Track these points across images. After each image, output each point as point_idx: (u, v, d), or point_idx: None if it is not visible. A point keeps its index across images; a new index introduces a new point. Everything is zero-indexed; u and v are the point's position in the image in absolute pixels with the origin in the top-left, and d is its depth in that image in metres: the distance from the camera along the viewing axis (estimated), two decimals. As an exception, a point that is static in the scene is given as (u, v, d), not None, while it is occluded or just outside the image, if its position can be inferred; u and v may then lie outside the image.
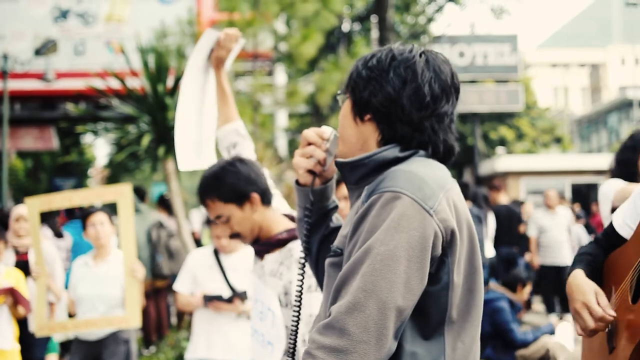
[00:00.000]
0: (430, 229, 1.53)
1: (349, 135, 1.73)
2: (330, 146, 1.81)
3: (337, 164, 1.74)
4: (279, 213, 2.69)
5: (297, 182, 1.91)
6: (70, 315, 5.07)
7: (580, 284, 2.18)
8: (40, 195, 4.98)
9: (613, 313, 2.10)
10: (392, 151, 1.66)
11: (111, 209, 4.97)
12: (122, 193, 4.64)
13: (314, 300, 2.36)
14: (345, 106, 1.75)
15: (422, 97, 1.64)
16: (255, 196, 2.58)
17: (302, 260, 1.89)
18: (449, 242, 1.57)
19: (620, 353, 2.12)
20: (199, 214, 13.02)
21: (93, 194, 5.17)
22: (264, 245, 2.59)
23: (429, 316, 1.58)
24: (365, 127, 1.70)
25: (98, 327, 4.70)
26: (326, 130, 1.84)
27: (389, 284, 1.49)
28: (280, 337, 2.46)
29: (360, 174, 1.68)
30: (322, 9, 9.92)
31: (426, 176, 1.59)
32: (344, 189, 3.55)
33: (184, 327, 8.14)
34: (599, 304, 2.11)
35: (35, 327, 4.73)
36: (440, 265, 1.57)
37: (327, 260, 1.74)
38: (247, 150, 2.99)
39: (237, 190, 2.57)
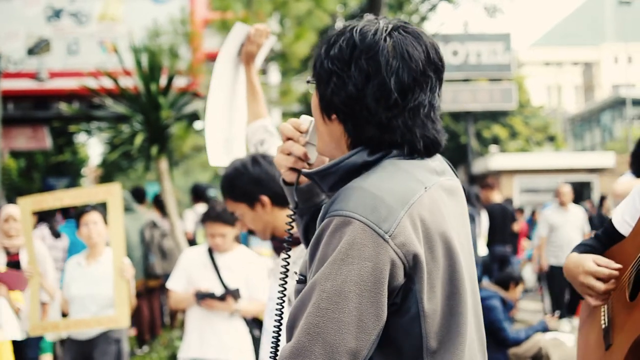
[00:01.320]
0: (386, 258, 1.34)
1: (321, 132, 1.56)
2: (309, 138, 1.62)
3: (305, 174, 1.58)
4: None
5: (283, 181, 1.71)
6: (64, 315, 5.06)
7: (577, 260, 2.17)
8: (32, 195, 4.98)
9: (617, 265, 2.07)
10: (361, 155, 1.47)
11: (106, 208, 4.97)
12: (112, 192, 4.66)
13: None
14: (314, 98, 1.55)
15: (389, 93, 1.43)
16: (265, 199, 2.60)
17: (283, 269, 1.71)
18: (413, 267, 1.37)
19: (617, 350, 2.09)
20: (192, 214, 12.99)
21: (83, 193, 5.20)
22: (280, 242, 2.59)
23: (402, 350, 1.41)
24: (333, 126, 1.51)
25: (88, 327, 4.70)
26: (304, 121, 1.64)
27: (337, 325, 1.33)
28: None
29: (332, 182, 1.51)
30: (315, 8, 9.89)
31: (385, 192, 1.39)
32: None
33: (177, 326, 8.13)
34: (599, 265, 2.10)
35: (29, 327, 4.72)
36: (406, 294, 1.38)
37: (295, 288, 1.55)
38: (275, 148, 2.92)
39: (246, 193, 2.61)
